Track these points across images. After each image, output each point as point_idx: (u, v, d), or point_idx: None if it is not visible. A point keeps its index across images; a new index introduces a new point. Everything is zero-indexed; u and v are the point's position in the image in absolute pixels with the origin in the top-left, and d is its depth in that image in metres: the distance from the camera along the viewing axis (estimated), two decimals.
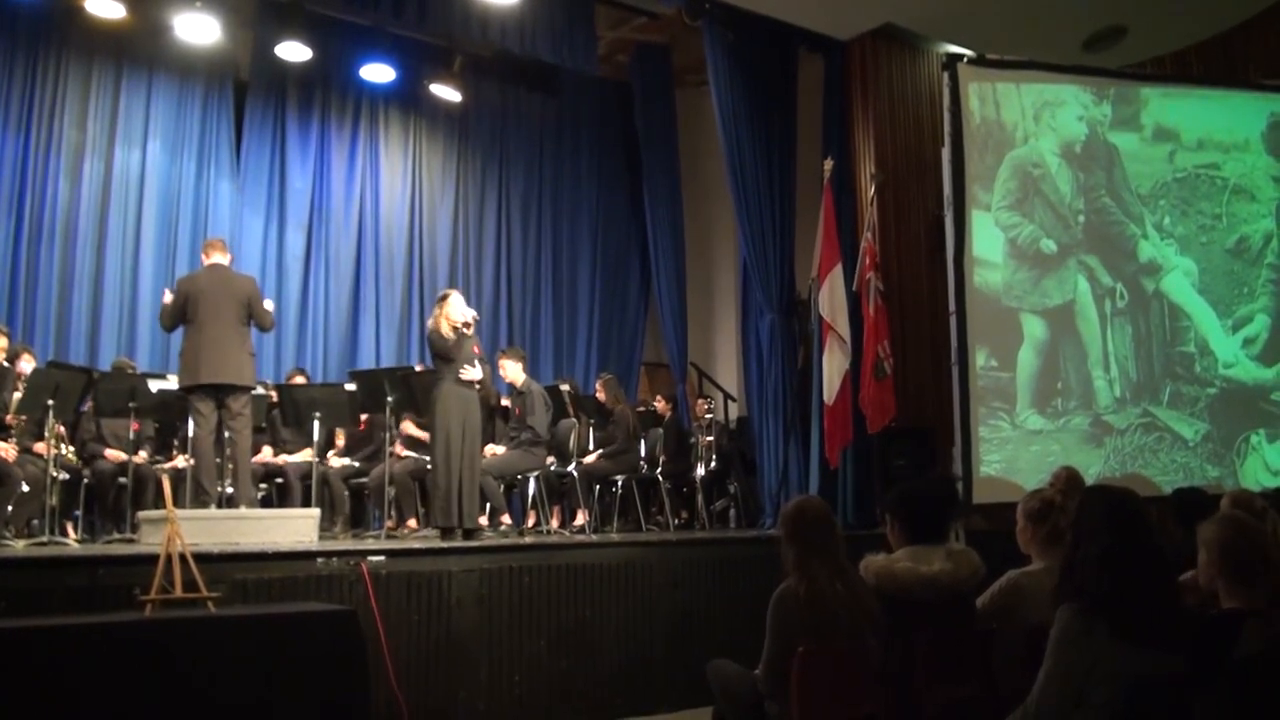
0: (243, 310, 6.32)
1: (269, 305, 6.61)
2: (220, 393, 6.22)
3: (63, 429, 6.40)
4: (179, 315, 6.26)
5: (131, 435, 6.77)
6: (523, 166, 10.64)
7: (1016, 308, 7.54)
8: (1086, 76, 8.05)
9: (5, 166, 8.15)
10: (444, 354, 6.36)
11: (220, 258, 6.46)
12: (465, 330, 6.40)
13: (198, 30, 8.38)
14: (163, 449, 7.34)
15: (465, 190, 10.37)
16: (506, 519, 7.49)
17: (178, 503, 5.29)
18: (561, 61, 8.84)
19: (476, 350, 6.53)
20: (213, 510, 6.09)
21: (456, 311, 6.42)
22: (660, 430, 8.55)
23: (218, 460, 6.44)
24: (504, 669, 5.37)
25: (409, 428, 7.67)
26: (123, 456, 6.70)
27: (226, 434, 6.36)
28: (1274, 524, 3.78)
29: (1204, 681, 2.52)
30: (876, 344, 7.46)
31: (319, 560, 5.01)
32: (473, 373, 6.42)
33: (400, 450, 7.56)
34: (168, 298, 6.41)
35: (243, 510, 6.09)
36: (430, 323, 6.51)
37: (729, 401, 10.32)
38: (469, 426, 6.40)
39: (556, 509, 7.91)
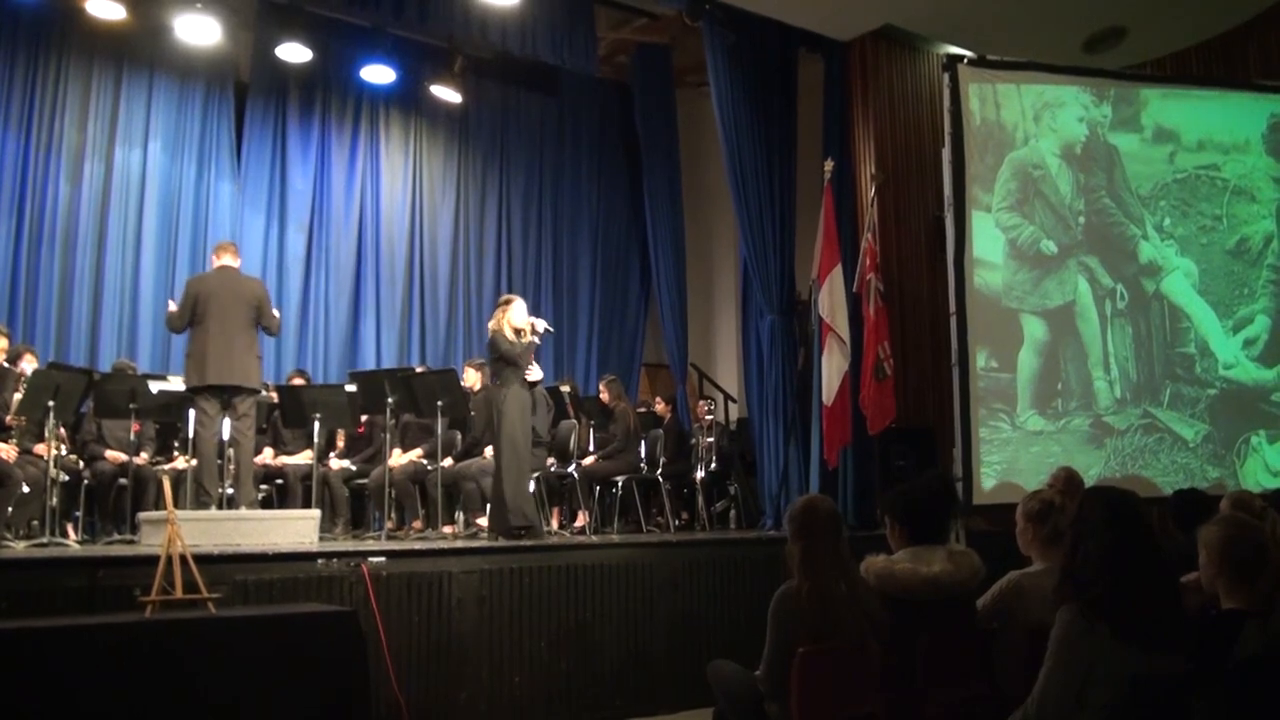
0: (252, 313, 6.37)
1: (274, 313, 6.65)
2: (226, 394, 6.25)
3: (63, 430, 6.40)
4: (187, 316, 6.29)
5: (132, 436, 6.77)
6: (523, 167, 10.65)
7: (1017, 309, 7.53)
8: (1087, 77, 8.04)
9: (6, 167, 8.16)
10: (511, 359, 6.48)
11: (230, 260, 6.50)
12: (536, 338, 6.58)
13: (198, 31, 8.39)
14: (163, 450, 7.34)
15: (465, 191, 10.37)
16: None
17: (178, 504, 5.30)
18: (562, 62, 8.84)
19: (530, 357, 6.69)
20: (213, 511, 6.09)
21: (519, 316, 6.57)
22: (660, 431, 8.54)
23: (219, 461, 6.45)
24: (504, 670, 5.37)
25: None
26: (123, 458, 6.70)
27: (229, 434, 6.37)
28: (1273, 524, 3.78)
29: (1204, 682, 2.52)
30: (877, 345, 7.46)
31: (319, 561, 5.02)
32: (536, 373, 6.63)
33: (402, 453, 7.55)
34: (173, 307, 6.42)
35: (243, 511, 6.10)
36: (492, 325, 6.62)
37: (729, 402, 10.32)
38: (530, 430, 6.56)
39: (557, 510, 7.91)
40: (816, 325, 7.73)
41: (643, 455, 8.32)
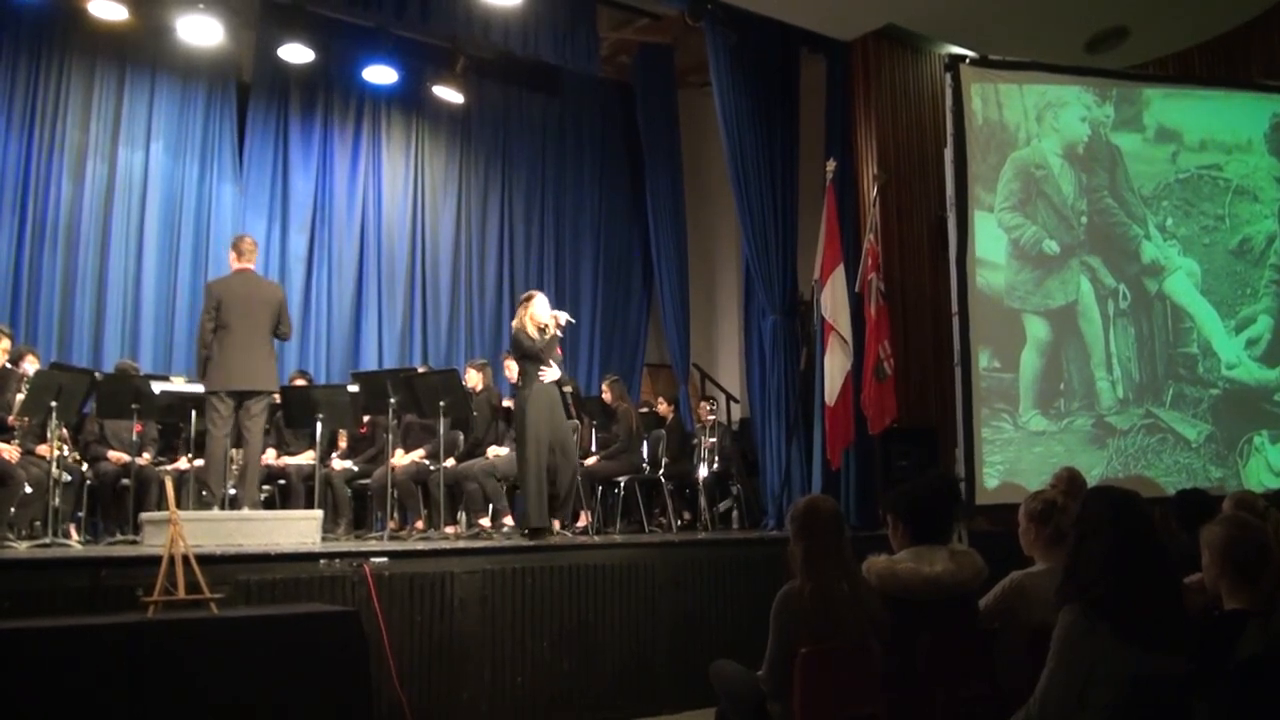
0: (272, 318, 6.42)
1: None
2: (243, 397, 6.30)
3: (65, 431, 6.40)
4: (213, 323, 6.30)
5: (135, 437, 6.77)
6: (525, 168, 10.65)
7: (1019, 309, 7.53)
8: (1089, 77, 8.03)
9: (9, 168, 8.16)
10: (533, 354, 6.45)
11: (249, 263, 6.51)
12: (559, 331, 6.54)
13: (200, 32, 8.40)
14: (166, 451, 7.34)
15: (467, 192, 10.37)
16: (509, 520, 7.48)
17: (180, 504, 5.30)
18: (564, 62, 8.86)
19: (558, 351, 6.64)
20: (216, 511, 6.10)
21: (542, 312, 6.53)
22: (662, 431, 8.55)
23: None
24: (506, 670, 5.37)
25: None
26: (126, 458, 6.71)
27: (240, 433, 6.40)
28: (1276, 524, 3.77)
29: (1206, 682, 2.52)
30: (877, 345, 7.46)
31: (322, 561, 5.02)
32: (551, 373, 6.52)
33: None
34: (209, 324, 6.32)
35: (246, 512, 6.11)
36: (515, 323, 6.62)
37: (731, 402, 10.32)
38: (559, 425, 6.53)
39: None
40: (818, 325, 7.73)
41: (645, 455, 8.32)
